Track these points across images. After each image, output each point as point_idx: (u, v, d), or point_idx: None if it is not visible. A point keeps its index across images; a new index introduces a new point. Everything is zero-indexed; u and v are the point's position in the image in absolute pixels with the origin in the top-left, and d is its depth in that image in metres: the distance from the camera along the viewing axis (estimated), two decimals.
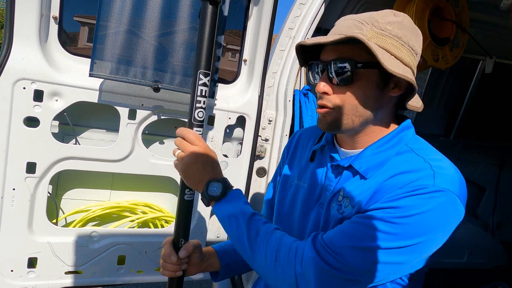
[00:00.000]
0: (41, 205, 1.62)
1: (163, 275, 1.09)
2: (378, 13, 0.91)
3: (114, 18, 1.54)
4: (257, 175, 2.01)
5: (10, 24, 1.46)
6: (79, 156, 1.64)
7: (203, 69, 1.09)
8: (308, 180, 1.07)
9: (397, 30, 0.88)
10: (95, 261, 1.72)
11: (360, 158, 0.94)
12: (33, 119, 1.54)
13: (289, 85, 2.00)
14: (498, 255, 3.48)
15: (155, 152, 1.80)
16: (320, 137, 1.10)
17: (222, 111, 1.85)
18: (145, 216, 1.94)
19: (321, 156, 1.07)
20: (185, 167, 0.98)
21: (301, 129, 1.38)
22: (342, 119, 0.91)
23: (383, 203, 0.82)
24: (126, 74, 1.60)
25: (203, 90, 1.10)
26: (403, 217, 0.79)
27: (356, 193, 0.90)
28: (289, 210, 1.10)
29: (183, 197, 1.11)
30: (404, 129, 0.96)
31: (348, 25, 0.89)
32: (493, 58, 2.99)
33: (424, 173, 0.83)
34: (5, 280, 1.59)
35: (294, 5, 1.96)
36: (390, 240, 0.79)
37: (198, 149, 0.99)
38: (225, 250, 1.21)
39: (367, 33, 0.87)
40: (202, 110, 1.11)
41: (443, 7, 2.26)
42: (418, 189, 0.80)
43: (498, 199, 3.82)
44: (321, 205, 1.00)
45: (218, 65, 1.77)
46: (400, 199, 0.81)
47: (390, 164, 0.91)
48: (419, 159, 0.88)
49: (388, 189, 0.84)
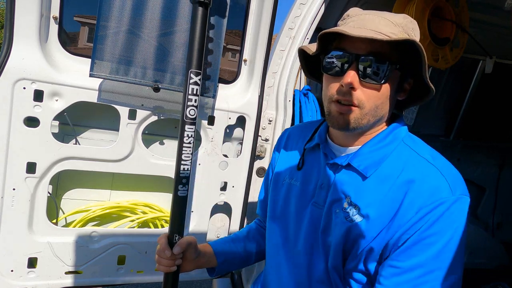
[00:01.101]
0: (41, 205, 1.62)
1: (159, 270, 1.12)
2: (401, 16, 0.90)
3: (114, 18, 1.54)
4: (257, 175, 2.01)
5: (10, 24, 1.46)
6: (79, 156, 1.64)
7: (194, 68, 1.13)
8: (300, 179, 1.05)
9: (416, 38, 0.90)
10: (95, 261, 1.72)
11: (358, 156, 0.93)
12: (33, 119, 1.54)
13: (289, 85, 2.00)
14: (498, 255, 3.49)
15: (155, 152, 1.80)
16: (312, 135, 1.09)
17: (222, 111, 1.85)
18: (145, 216, 1.94)
19: (314, 154, 1.06)
20: None
21: (289, 127, 1.38)
22: (361, 118, 0.87)
23: (415, 244, 0.82)
24: (126, 74, 1.60)
25: (195, 88, 1.14)
26: (443, 250, 0.81)
27: (364, 202, 0.89)
28: (283, 210, 1.09)
29: (177, 193, 1.13)
30: (398, 126, 0.96)
31: (380, 22, 0.86)
32: (493, 58, 2.99)
33: (436, 182, 0.84)
34: (5, 280, 1.59)
35: (294, 5, 1.96)
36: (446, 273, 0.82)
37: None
38: (222, 247, 1.22)
39: (399, 35, 0.85)
40: (194, 108, 1.14)
41: (443, 7, 2.26)
42: (439, 205, 0.81)
43: (498, 199, 3.82)
44: (316, 204, 0.99)
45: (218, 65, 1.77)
46: (428, 229, 0.81)
47: (391, 164, 0.90)
48: (422, 161, 0.88)
49: (406, 211, 0.83)
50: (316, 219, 0.98)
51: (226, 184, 1.93)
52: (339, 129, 0.90)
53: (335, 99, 0.88)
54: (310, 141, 1.08)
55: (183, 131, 1.18)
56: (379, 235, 0.86)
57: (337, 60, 0.87)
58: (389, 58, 0.84)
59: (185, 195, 1.16)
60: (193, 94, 1.13)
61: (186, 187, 1.14)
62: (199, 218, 1.90)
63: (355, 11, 0.93)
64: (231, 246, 1.24)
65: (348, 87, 0.85)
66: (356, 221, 0.89)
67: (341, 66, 0.87)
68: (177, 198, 1.14)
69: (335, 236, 0.92)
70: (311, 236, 0.99)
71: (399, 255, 0.84)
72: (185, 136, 1.18)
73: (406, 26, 0.88)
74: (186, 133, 1.18)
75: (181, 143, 1.18)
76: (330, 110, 0.90)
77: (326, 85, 0.92)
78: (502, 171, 3.83)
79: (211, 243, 1.22)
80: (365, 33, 0.81)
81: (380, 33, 0.83)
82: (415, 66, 0.89)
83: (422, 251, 0.82)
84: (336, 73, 0.88)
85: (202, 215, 1.91)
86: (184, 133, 1.18)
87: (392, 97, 0.90)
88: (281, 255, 1.08)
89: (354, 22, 0.89)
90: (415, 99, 1.00)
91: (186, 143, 1.18)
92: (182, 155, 1.18)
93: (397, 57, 0.86)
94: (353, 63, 0.85)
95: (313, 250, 0.99)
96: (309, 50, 0.96)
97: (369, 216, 0.87)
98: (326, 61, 0.90)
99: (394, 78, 0.88)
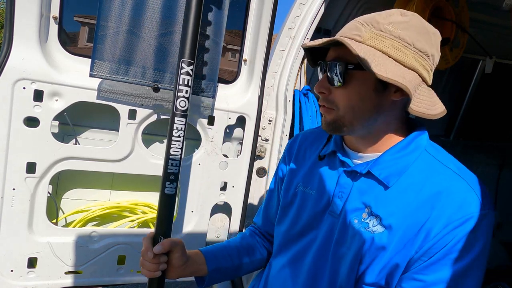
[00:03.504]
0: (41, 205, 1.62)
1: (142, 274, 1.03)
2: (382, 13, 0.87)
3: (114, 18, 1.54)
4: (257, 175, 2.01)
5: (10, 24, 1.46)
6: (79, 156, 1.64)
7: (186, 58, 1.08)
8: (316, 187, 1.02)
9: (400, 31, 0.83)
10: (95, 261, 1.72)
11: (378, 164, 0.90)
12: (33, 119, 1.54)
13: (289, 85, 2.00)
14: (498, 255, 3.49)
15: (155, 152, 1.80)
16: (327, 141, 1.06)
17: (222, 111, 1.85)
18: (145, 216, 1.94)
19: (329, 161, 1.02)
20: None
21: (302, 131, 1.37)
22: (340, 119, 0.89)
23: (441, 258, 0.81)
24: (126, 74, 1.60)
25: (186, 79, 1.08)
26: (469, 266, 0.81)
27: (386, 212, 0.86)
28: (295, 218, 1.05)
29: (164, 191, 1.07)
30: (419, 134, 0.93)
31: (349, 27, 0.89)
32: (493, 58, 2.98)
33: (465, 195, 0.82)
34: (5, 280, 1.59)
35: (294, 5, 1.96)
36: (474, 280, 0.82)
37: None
38: (214, 254, 1.13)
39: (365, 35, 0.84)
40: (185, 100, 1.09)
41: (443, 7, 2.26)
42: (468, 220, 0.80)
43: (498, 199, 3.81)
44: (332, 213, 0.95)
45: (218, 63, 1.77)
46: (456, 244, 0.80)
47: (414, 173, 0.87)
48: (448, 172, 0.87)
49: (433, 224, 0.82)
50: (331, 229, 0.95)
51: (226, 184, 1.93)
52: (326, 130, 0.94)
53: (318, 103, 0.96)
54: (325, 147, 1.05)
55: (172, 124, 1.10)
56: (404, 248, 0.84)
57: (321, 70, 0.95)
58: (346, 60, 0.86)
59: (173, 193, 1.08)
60: (184, 84, 1.07)
61: (174, 184, 1.07)
62: (199, 218, 1.90)
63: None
64: (223, 253, 1.15)
65: (318, 92, 0.92)
66: (377, 232, 0.86)
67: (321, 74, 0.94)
68: (164, 196, 1.06)
69: (352, 248, 0.89)
70: (324, 247, 0.96)
71: (425, 269, 0.82)
72: (174, 129, 1.10)
73: (380, 22, 0.85)
74: (175, 126, 1.10)
75: (170, 137, 1.11)
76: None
77: None
78: (502, 171, 3.82)
79: (202, 249, 1.13)
80: (312, 43, 0.88)
81: (343, 38, 0.84)
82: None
83: (448, 266, 0.80)
84: None
85: (202, 215, 1.91)
86: (173, 125, 1.10)
87: (373, 97, 0.87)
88: (288, 265, 1.04)
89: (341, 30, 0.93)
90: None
91: (176, 137, 1.10)
92: (171, 150, 1.10)
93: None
94: (324, 70, 0.92)
95: (321, 262, 0.96)
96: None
97: (391, 226, 0.84)
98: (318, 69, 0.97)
99: (363, 78, 0.85)
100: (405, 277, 0.85)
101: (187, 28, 1.08)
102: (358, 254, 0.88)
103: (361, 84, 0.86)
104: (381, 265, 0.86)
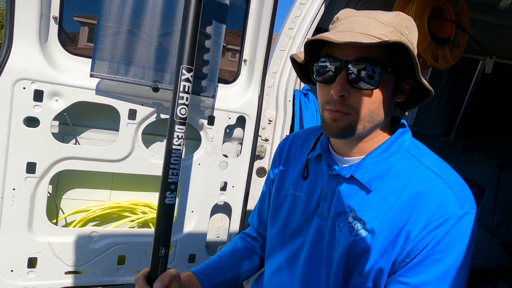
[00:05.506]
0: (41, 205, 1.62)
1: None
2: (393, 14, 0.85)
3: (114, 18, 1.54)
4: (257, 175, 2.01)
5: (10, 24, 1.46)
6: (79, 156, 1.64)
7: (185, 64, 1.06)
8: (305, 190, 1.02)
9: (410, 36, 0.84)
10: (95, 261, 1.72)
11: (361, 168, 0.89)
12: (33, 119, 1.54)
13: (289, 85, 2.00)
14: (498, 255, 3.49)
15: (155, 152, 1.80)
16: (314, 144, 1.05)
17: (222, 111, 1.85)
18: (145, 216, 1.94)
19: (317, 164, 1.02)
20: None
21: (292, 133, 1.32)
22: (356, 124, 0.84)
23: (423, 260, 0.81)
24: (126, 74, 1.60)
25: (186, 85, 1.06)
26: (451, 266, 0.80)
27: (369, 216, 0.86)
28: (286, 221, 1.05)
29: (164, 201, 1.03)
30: (402, 133, 0.92)
31: (369, 23, 0.82)
32: (493, 58, 2.98)
33: (443, 195, 0.81)
34: (5, 280, 1.59)
35: (294, 5, 1.96)
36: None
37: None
38: (206, 273, 1.11)
39: (390, 36, 0.81)
40: (185, 107, 1.06)
41: (443, 7, 2.26)
42: (446, 221, 0.79)
43: (498, 199, 3.82)
44: (320, 215, 0.96)
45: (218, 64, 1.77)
46: (436, 246, 0.79)
47: (395, 175, 0.87)
48: (428, 172, 0.85)
49: (413, 226, 0.81)
50: (321, 232, 0.95)
51: (226, 184, 1.93)
52: (334, 136, 0.87)
53: (327, 108, 0.85)
54: (313, 151, 1.03)
55: (172, 132, 1.06)
56: (386, 252, 0.84)
57: (327, 68, 0.84)
58: (379, 61, 0.80)
59: (173, 202, 1.05)
60: (184, 91, 1.04)
61: (174, 194, 1.04)
62: (199, 218, 1.90)
63: (345, 13, 0.89)
64: (215, 269, 1.14)
65: (338, 96, 0.82)
66: (361, 236, 0.86)
67: (331, 73, 0.83)
68: (164, 206, 1.02)
69: (339, 251, 0.89)
70: (315, 249, 0.96)
71: (407, 271, 0.82)
72: (174, 137, 1.06)
73: (399, 25, 0.83)
74: (176, 134, 1.06)
75: (170, 145, 1.06)
76: (324, 117, 0.88)
77: (318, 92, 0.89)
78: (502, 171, 3.83)
79: (194, 270, 1.11)
80: (350, 38, 0.77)
81: (369, 36, 0.79)
82: (410, 66, 0.85)
83: (430, 268, 0.80)
84: (327, 81, 0.85)
85: (202, 215, 1.91)
86: (173, 133, 1.06)
87: (389, 100, 0.86)
88: (283, 267, 1.05)
89: (343, 25, 0.86)
90: (416, 100, 0.96)
91: (176, 145, 1.06)
92: (171, 159, 1.06)
93: (388, 59, 0.82)
94: (342, 70, 0.81)
95: (314, 264, 0.96)
96: (299, 58, 0.93)
97: (374, 230, 0.85)
98: (315, 69, 0.87)
99: (387, 81, 0.84)
100: (390, 280, 0.86)
101: (185, 32, 1.06)
102: (343, 258, 0.89)
103: (385, 87, 0.84)
104: (366, 269, 0.86)
